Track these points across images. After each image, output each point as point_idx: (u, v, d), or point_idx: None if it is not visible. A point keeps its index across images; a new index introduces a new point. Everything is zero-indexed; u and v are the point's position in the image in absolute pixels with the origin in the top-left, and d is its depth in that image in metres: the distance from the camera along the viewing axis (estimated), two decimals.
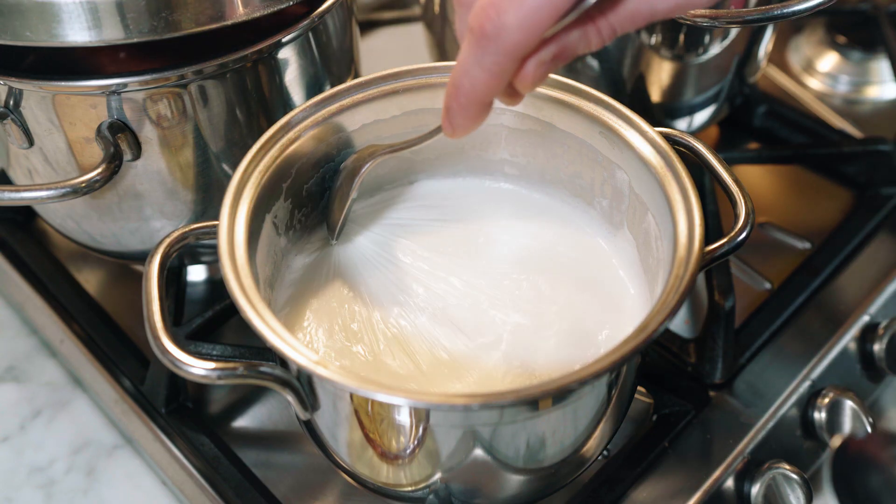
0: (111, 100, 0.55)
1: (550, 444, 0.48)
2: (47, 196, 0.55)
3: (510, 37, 0.39)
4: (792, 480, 0.59)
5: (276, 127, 0.53)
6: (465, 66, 0.41)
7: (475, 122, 0.45)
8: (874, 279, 0.71)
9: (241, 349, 0.62)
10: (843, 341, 0.67)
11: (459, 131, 0.45)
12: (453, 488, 0.50)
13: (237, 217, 0.49)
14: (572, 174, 0.59)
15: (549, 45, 0.41)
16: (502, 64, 0.40)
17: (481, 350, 0.53)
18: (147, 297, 0.46)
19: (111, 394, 0.66)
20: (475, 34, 0.39)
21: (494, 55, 0.40)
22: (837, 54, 0.94)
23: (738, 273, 0.73)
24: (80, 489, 0.64)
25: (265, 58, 0.58)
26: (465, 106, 0.43)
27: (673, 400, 0.63)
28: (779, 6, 0.59)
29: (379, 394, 0.41)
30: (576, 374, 0.41)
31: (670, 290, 0.45)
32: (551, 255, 0.59)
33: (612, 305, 0.55)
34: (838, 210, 0.78)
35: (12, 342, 0.74)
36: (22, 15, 0.50)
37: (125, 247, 0.65)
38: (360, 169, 0.55)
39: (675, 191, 0.50)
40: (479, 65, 0.40)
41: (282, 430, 0.64)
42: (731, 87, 0.76)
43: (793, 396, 0.64)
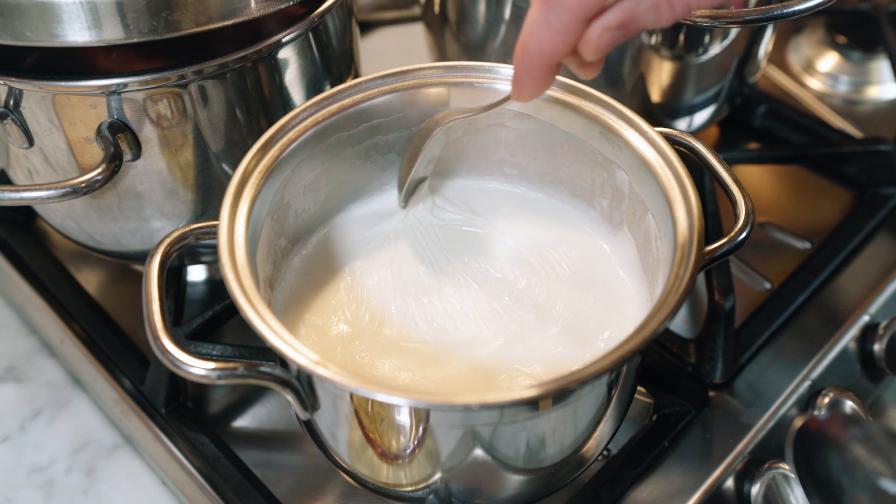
0: (111, 100, 0.55)
1: (550, 444, 0.48)
2: (47, 196, 0.55)
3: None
4: (792, 480, 0.59)
5: (276, 127, 0.53)
6: (532, 26, 0.42)
7: (542, 84, 0.46)
8: (874, 279, 0.71)
9: (241, 349, 0.62)
10: (843, 341, 0.67)
11: (527, 93, 0.47)
12: (453, 488, 0.50)
13: (237, 217, 0.49)
14: (572, 174, 0.59)
15: (614, 10, 0.42)
16: (568, 22, 0.41)
17: (481, 350, 0.53)
18: (147, 297, 0.46)
19: (111, 394, 0.66)
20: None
21: (560, 13, 0.41)
22: (837, 54, 0.94)
23: (738, 273, 0.73)
24: (80, 489, 0.64)
25: (265, 58, 0.58)
26: (532, 67, 0.44)
27: (673, 400, 0.63)
28: (779, 6, 0.59)
29: (379, 394, 0.41)
30: (576, 374, 0.41)
31: (670, 290, 0.45)
32: (551, 254, 0.59)
33: (612, 305, 0.55)
34: (838, 210, 0.78)
35: (12, 342, 0.74)
36: (22, 15, 0.50)
37: (125, 247, 0.65)
38: (430, 132, 0.56)
39: (675, 191, 0.50)
40: (546, 24, 0.42)
41: (282, 430, 0.64)
42: (731, 87, 0.76)
43: (793, 396, 0.64)
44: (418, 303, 0.56)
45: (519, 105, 0.57)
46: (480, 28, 0.74)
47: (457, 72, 0.57)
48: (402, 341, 0.54)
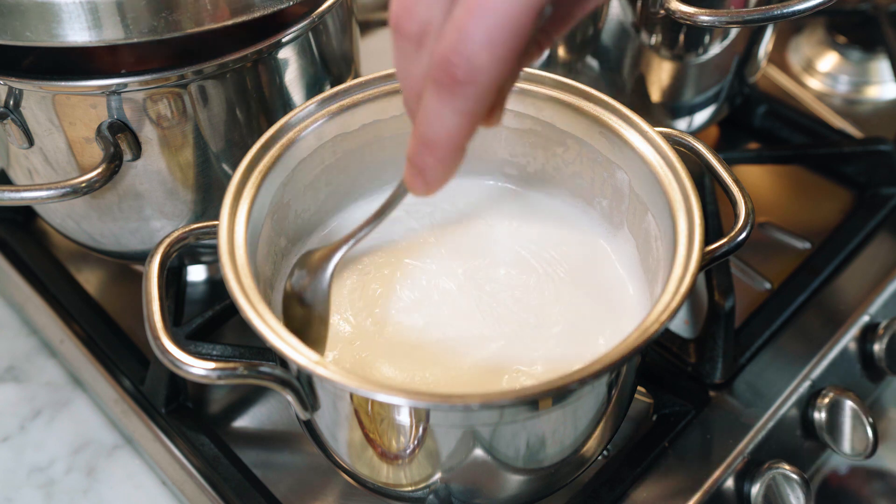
0: (111, 100, 0.55)
1: (550, 444, 0.48)
2: (47, 196, 0.55)
3: (487, 75, 0.35)
4: (792, 480, 0.59)
5: (276, 127, 0.53)
6: (436, 115, 0.37)
7: (453, 171, 0.41)
8: (874, 279, 0.71)
9: (241, 349, 0.62)
10: (843, 341, 0.67)
11: (436, 185, 0.41)
12: (453, 488, 0.50)
13: (237, 217, 0.49)
14: (572, 174, 0.59)
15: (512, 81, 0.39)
16: (482, 102, 0.36)
17: (481, 350, 0.53)
18: (147, 297, 0.46)
19: (111, 394, 0.66)
20: (444, 83, 0.36)
21: (473, 98, 0.36)
22: (837, 54, 0.94)
23: (738, 273, 0.73)
24: (80, 489, 0.64)
25: (265, 58, 0.58)
26: (443, 157, 0.39)
27: (673, 400, 0.63)
28: (779, 6, 0.59)
29: (379, 394, 0.41)
30: (576, 374, 0.41)
31: (670, 290, 0.45)
32: (551, 254, 0.59)
33: (612, 305, 0.55)
34: (838, 210, 0.78)
35: (12, 342, 0.74)
36: (22, 15, 0.50)
37: (125, 247, 0.65)
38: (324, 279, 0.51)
39: (675, 191, 0.50)
40: (455, 112, 0.37)
41: (282, 430, 0.64)
42: (731, 87, 0.76)
43: (793, 396, 0.64)
44: (418, 303, 0.56)
45: (519, 105, 0.57)
46: None
47: None
48: (402, 341, 0.54)
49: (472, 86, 0.35)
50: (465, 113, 0.37)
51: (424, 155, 0.40)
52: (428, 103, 0.37)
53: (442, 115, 0.37)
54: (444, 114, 0.37)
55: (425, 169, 0.40)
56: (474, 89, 0.36)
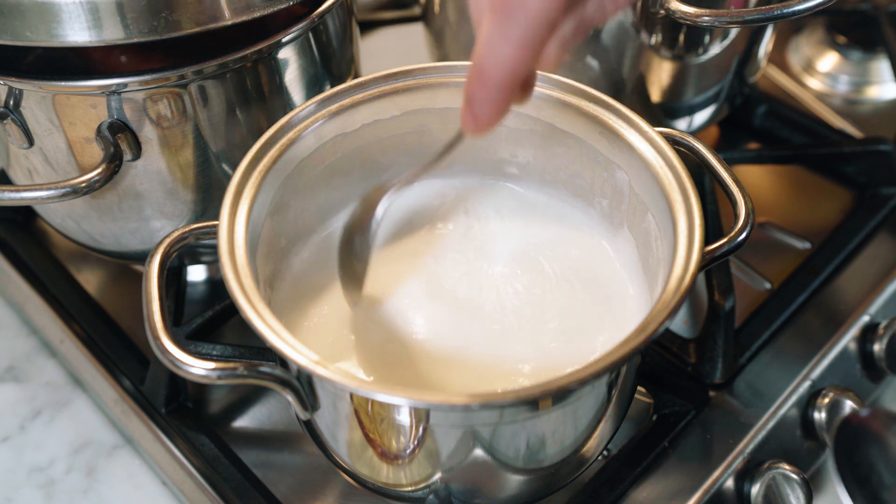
0: (111, 100, 0.55)
1: (550, 444, 0.48)
2: (47, 196, 0.55)
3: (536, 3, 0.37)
4: (792, 480, 0.59)
5: (276, 127, 0.53)
6: (489, 44, 0.38)
7: (502, 110, 0.41)
8: (874, 279, 0.71)
9: (241, 349, 0.62)
10: (843, 341, 0.67)
11: (484, 124, 0.41)
12: (453, 488, 0.50)
13: (237, 217, 0.49)
14: (572, 174, 0.59)
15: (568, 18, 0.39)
16: (531, 33, 0.38)
17: (482, 349, 0.53)
18: (147, 297, 0.46)
19: (111, 394, 0.66)
20: (499, 7, 0.37)
21: (522, 25, 0.37)
22: (837, 54, 0.94)
23: (738, 273, 0.73)
24: (80, 489, 0.64)
25: (265, 58, 0.58)
26: (491, 90, 0.40)
27: (673, 400, 0.63)
28: (779, 6, 0.59)
29: (379, 394, 0.41)
30: (576, 373, 0.41)
31: (670, 290, 0.45)
32: (551, 254, 0.59)
33: (612, 305, 0.55)
34: (838, 210, 0.78)
35: (12, 342, 0.74)
36: (22, 15, 0.50)
37: (125, 247, 0.65)
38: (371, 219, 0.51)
39: (675, 191, 0.50)
40: (505, 39, 0.38)
41: (282, 430, 0.64)
42: (731, 87, 0.76)
43: (793, 396, 0.64)
44: (419, 302, 0.56)
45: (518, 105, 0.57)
46: None
47: (457, 72, 0.57)
48: (402, 341, 0.54)
49: (523, 12, 0.37)
50: (516, 41, 0.38)
51: (475, 86, 0.40)
52: (484, 31, 0.39)
53: (494, 43, 0.38)
54: (497, 41, 0.38)
55: (475, 101, 0.41)
56: (523, 16, 0.37)
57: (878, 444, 0.48)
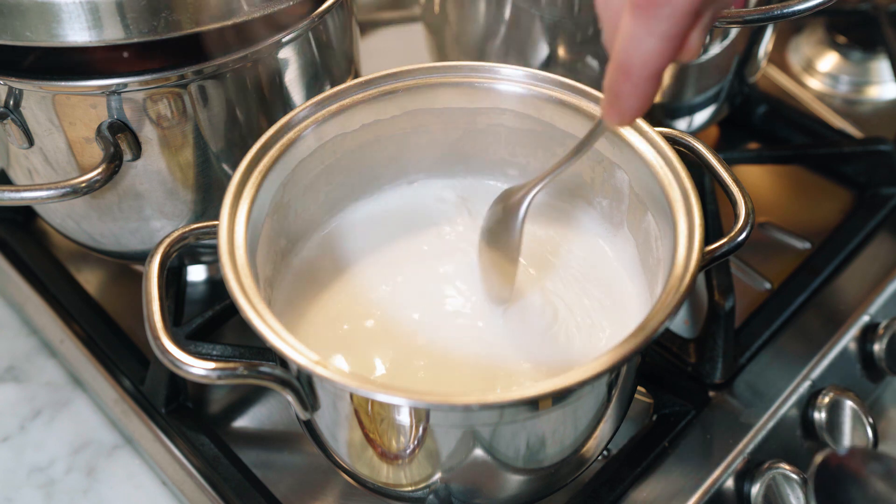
0: (111, 100, 0.55)
1: (550, 444, 0.48)
2: (47, 196, 0.55)
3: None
4: (792, 480, 0.59)
5: (276, 127, 0.53)
6: (634, 40, 0.39)
7: (649, 100, 0.42)
8: (874, 279, 0.71)
9: (241, 349, 0.62)
10: (843, 341, 0.67)
11: (629, 117, 0.42)
12: (453, 488, 0.50)
13: (237, 217, 0.49)
14: (572, 174, 0.59)
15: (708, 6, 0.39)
16: (678, 25, 0.38)
17: (482, 349, 0.53)
18: (147, 297, 0.46)
19: (111, 394, 0.66)
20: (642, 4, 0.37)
21: (669, 19, 0.37)
22: (837, 54, 0.94)
23: (738, 273, 0.73)
24: (80, 489, 0.64)
25: (265, 58, 0.58)
26: (638, 83, 0.40)
27: (673, 400, 0.63)
28: (779, 6, 0.59)
29: (379, 394, 0.41)
30: (575, 374, 0.41)
31: (670, 290, 0.45)
32: (551, 254, 0.59)
33: (612, 305, 0.55)
34: (838, 210, 0.78)
35: (12, 342, 0.74)
36: (22, 15, 0.50)
37: (125, 247, 0.65)
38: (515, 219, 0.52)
39: (675, 191, 0.50)
40: (651, 34, 0.38)
41: (282, 430, 0.64)
42: (731, 87, 0.76)
43: (793, 396, 0.63)
44: (419, 302, 0.56)
45: (519, 105, 0.57)
46: (480, 28, 0.74)
47: (457, 72, 0.57)
48: (402, 341, 0.54)
49: (667, 5, 0.37)
50: (661, 35, 0.38)
51: (620, 81, 0.41)
52: (625, 28, 0.39)
53: (639, 39, 0.38)
54: (641, 37, 0.38)
55: (621, 96, 0.41)
56: (669, 9, 0.37)
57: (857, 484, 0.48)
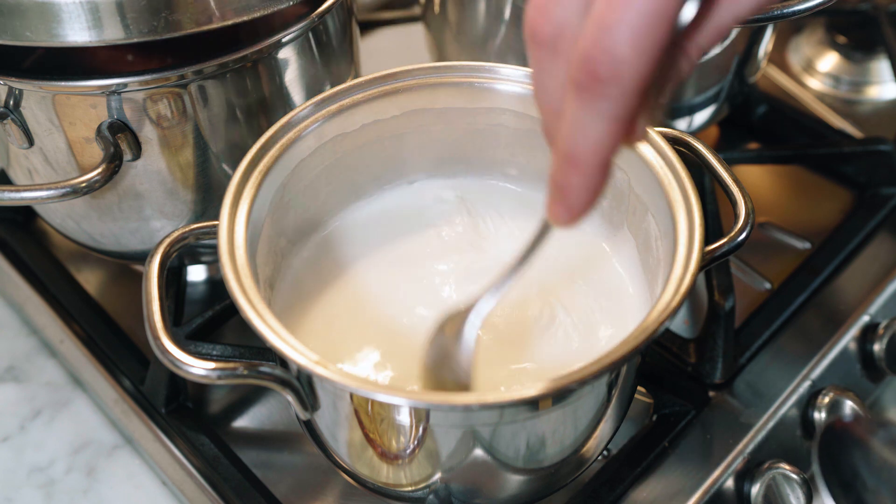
0: (111, 100, 0.55)
1: (550, 444, 0.48)
2: (47, 196, 0.55)
3: (631, 69, 0.32)
4: (792, 480, 0.59)
5: (276, 127, 0.53)
6: (580, 125, 0.34)
7: (599, 193, 0.37)
8: (874, 279, 0.71)
9: (241, 349, 0.62)
10: (843, 341, 0.67)
11: (578, 215, 0.38)
12: (453, 488, 0.50)
13: (237, 217, 0.49)
14: None
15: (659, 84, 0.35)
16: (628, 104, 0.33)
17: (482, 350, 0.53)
18: (147, 297, 0.46)
19: (111, 394, 0.66)
20: (586, 83, 0.33)
21: (617, 97, 0.33)
22: (837, 54, 0.93)
23: (738, 273, 0.72)
24: (80, 489, 0.64)
25: (265, 58, 0.58)
26: (588, 174, 0.36)
27: (673, 400, 0.63)
28: (779, 6, 0.59)
29: (379, 394, 0.41)
30: (576, 373, 0.41)
31: (670, 291, 0.45)
32: (551, 254, 0.58)
33: (612, 305, 0.55)
34: (838, 210, 0.78)
35: (12, 342, 0.74)
36: (22, 15, 0.50)
37: (125, 247, 0.65)
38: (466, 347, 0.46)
39: (675, 191, 0.50)
40: (600, 117, 0.34)
41: (282, 430, 0.64)
42: (731, 87, 0.76)
43: (793, 396, 0.64)
44: (419, 302, 0.56)
45: (519, 105, 0.57)
46: (480, 28, 0.74)
47: (457, 72, 0.57)
48: (402, 341, 0.54)
49: (615, 83, 0.33)
50: (610, 117, 0.34)
51: (568, 174, 0.36)
52: (569, 114, 0.35)
53: (585, 124, 0.34)
54: (588, 121, 0.34)
55: (569, 191, 0.37)
56: (618, 87, 0.33)
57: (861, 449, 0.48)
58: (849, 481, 0.47)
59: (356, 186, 0.61)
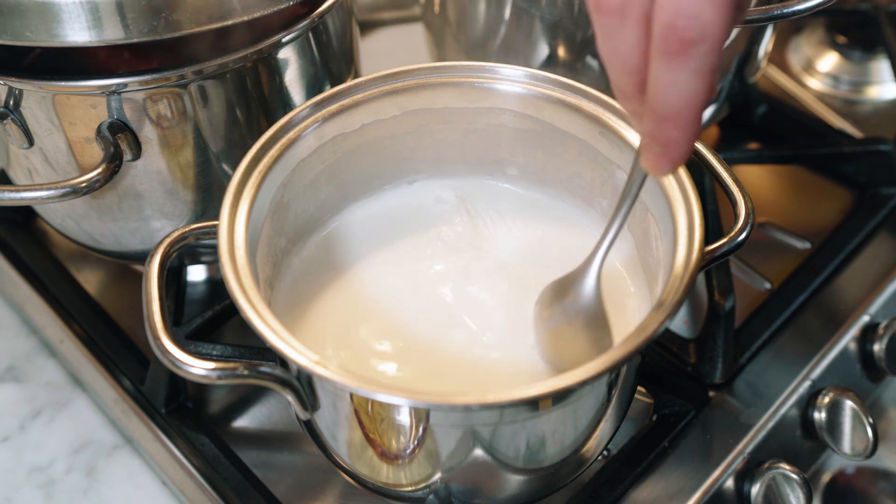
0: (111, 100, 0.55)
1: (550, 444, 0.48)
2: (47, 196, 0.55)
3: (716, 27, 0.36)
4: (792, 480, 0.59)
5: (276, 127, 0.53)
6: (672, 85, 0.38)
7: (696, 139, 0.40)
8: (874, 279, 0.71)
9: (241, 349, 0.62)
10: (843, 341, 0.67)
11: (681, 160, 0.41)
12: (453, 488, 0.50)
13: (237, 217, 0.49)
14: (572, 174, 0.59)
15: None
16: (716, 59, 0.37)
17: (481, 349, 0.53)
18: (147, 297, 0.46)
19: (111, 394, 0.66)
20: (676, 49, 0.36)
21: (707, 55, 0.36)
22: (837, 54, 0.93)
23: (738, 273, 0.72)
24: (80, 489, 0.64)
25: (265, 58, 0.58)
26: (687, 127, 0.39)
27: (673, 400, 0.63)
28: (779, 6, 0.59)
29: (379, 394, 0.41)
30: (576, 374, 0.41)
31: (670, 290, 0.45)
32: (551, 255, 0.59)
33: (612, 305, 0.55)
34: (838, 210, 0.78)
35: (12, 342, 0.74)
36: (22, 15, 0.50)
37: (125, 247, 0.65)
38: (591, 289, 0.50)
39: (675, 191, 0.50)
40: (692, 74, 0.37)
41: (282, 430, 0.64)
42: (731, 87, 0.76)
43: (793, 396, 0.64)
44: (419, 303, 0.56)
45: (519, 105, 0.57)
46: (480, 28, 0.74)
47: (457, 72, 0.57)
48: (402, 341, 0.54)
49: (704, 43, 0.36)
50: (703, 72, 0.37)
51: (667, 129, 0.39)
52: (660, 77, 0.38)
53: (679, 83, 0.37)
54: (682, 80, 0.37)
55: (670, 144, 0.40)
56: (707, 45, 0.36)
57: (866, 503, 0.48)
58: None
59: (356, 186, 0.61)
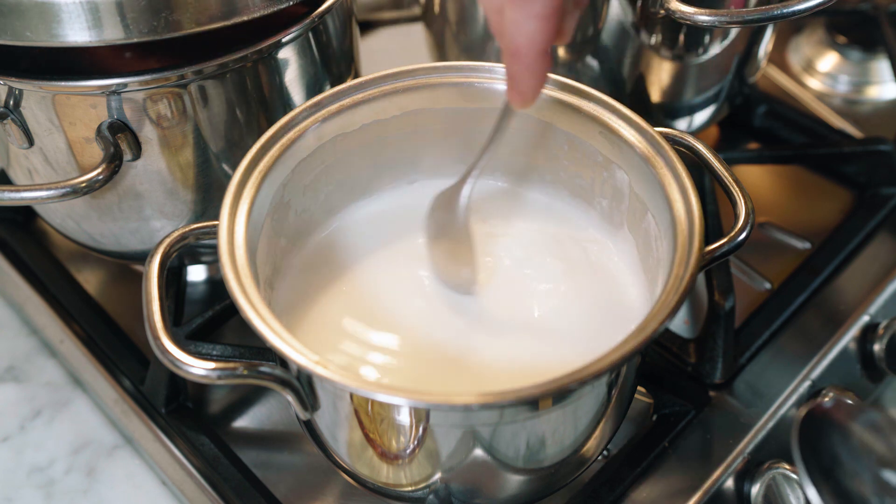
0: (111, 100, 0.55)
1: (550, 444, 0.48)
2: (47, 196, 0.55)
3: None
4: (792, 480, 0.59)
5: (276, 127, 0.53)
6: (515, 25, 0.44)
7: (542, 80, 0.47)
8: (874, 279, 0.71)
9: (241, 349, 0.62)
10: (843, 341, 0.67)
11: (530, 94, 0.47)
12: (453, 488, 0.50)
13: (237, 217, 0.49)
14: (572, 174, 0.59)
15: None
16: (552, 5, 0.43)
17: (481, 350, 0.53)
18: (147, 297, 0.46)
19: (111, 394, 0.66)
20: None
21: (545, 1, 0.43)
22: (837, 54, 0.94)
23: (738, 273, 0.73)
24: (80, 489, 0.64)
25: (265, 58, 0.58)
26: (529, 63, 0.45)
27: (673, 400, 0.63)
28: (779, 6, 0.59)
29: (379, 394, 0.41)
30: (576, 373, 0.41)
31: (670, 290, 0.45)
32: (552, 255, 0.59)
33: (612, 305, 0.55)
34: (838, 210, 0.78)
35: (12, 342, 0.74)
36: (22, 15, 0.50)
37: (125, 247, 0.65)
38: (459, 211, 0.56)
39: (675, 191, 0.50)
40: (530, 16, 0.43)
41: (282, 430, 0.64)
42: (731, 87, 0.76)
43: (793, 396, 0.64)
44: (419, 302, 0.56)
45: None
46: (480, 28, 0.74)
47: (457, 72, 0.57)
48: (402, 341, 0.54)
49: None
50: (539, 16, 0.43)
51: (514, 65, 0.46)
52: (508, 18, 0.44)
53: (519, 23, 0.44)
54: (521, 21, 0.44)
55: (517, 78, 0.47)
56: None
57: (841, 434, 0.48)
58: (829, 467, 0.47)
59: (356, 187, 0.61)
